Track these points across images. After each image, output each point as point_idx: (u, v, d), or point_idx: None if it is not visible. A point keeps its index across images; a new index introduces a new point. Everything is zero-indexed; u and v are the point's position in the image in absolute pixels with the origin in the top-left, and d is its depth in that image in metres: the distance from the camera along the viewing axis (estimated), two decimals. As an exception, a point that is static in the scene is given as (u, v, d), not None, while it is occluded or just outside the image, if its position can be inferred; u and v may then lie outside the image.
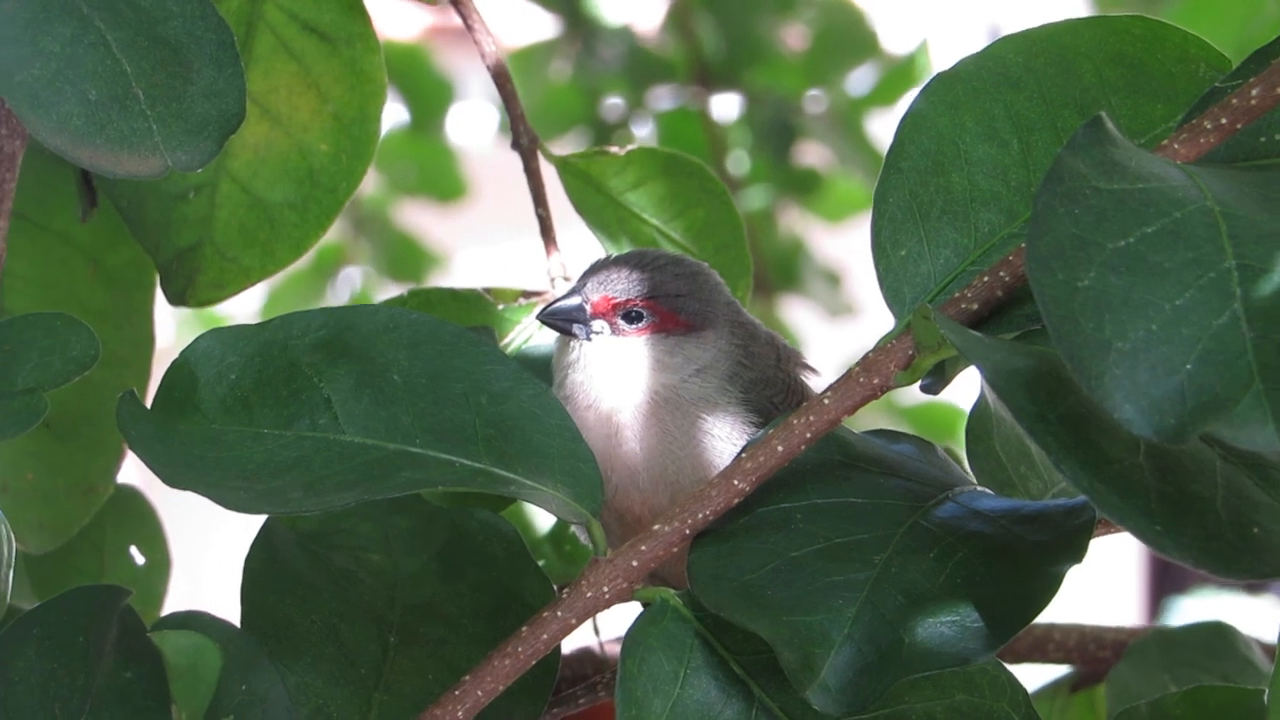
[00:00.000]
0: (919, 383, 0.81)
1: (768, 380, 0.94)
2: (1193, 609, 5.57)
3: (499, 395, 0.84)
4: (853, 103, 3.03)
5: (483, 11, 1.12)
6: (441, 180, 3.20)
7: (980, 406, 0.95)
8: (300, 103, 1.09)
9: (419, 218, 3.27)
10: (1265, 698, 0.86)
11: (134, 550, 1.22)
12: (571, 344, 0.94)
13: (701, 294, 0.95)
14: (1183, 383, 0.66)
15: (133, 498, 1.23)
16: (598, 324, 0.93)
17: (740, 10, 2.93)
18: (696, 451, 0.91)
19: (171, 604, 1.18)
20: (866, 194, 2.98)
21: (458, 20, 1.12)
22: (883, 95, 3.03)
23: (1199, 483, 0.72)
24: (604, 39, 3.02)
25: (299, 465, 0.82)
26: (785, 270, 3.02)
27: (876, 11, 3.07)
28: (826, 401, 0.80)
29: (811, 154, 3.06)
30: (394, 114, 3.14)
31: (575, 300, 0.94)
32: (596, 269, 0.95)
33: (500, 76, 1.11)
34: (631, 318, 0.93)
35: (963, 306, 0.79)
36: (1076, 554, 0.78)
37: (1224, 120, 0.76)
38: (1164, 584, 5.82)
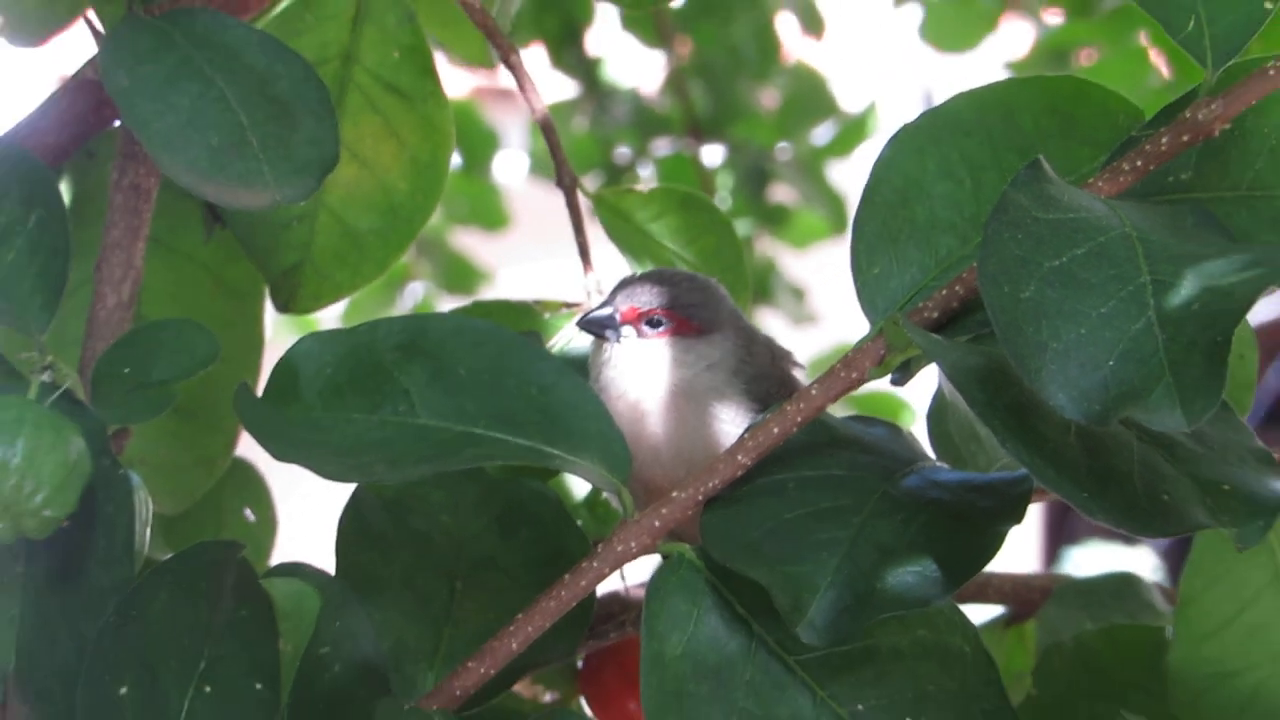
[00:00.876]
0: (890, 379, 0.80)
1: (765, 375, 0.93)
2: (1081, 557, 5.63)
3: (546, 387, 0.83)
4: (815, 152, 3.08)
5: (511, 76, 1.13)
6: (488, 212, 3.23)
7: (939, 397, 0.94)
8: (383, 149, 1.09)
9: (469, 241, 3.30)
10: (1168, 633, 0.86)
11: (247, 511, 1.22)
12: (604, 346, 0.94)
13: (710, 304, 0.94)
14: (1106, 376, 0.66)
15: (246, 468, 1.23)
16: (626, 329, 0.93)
17: (724, 77, 3.00)
18: (707, 433, 0.91)
19: (277, 555, 1.19)
20: (825, 226, 3.07)
21: (498, 81, 1.12)
22: (840, 146, 3.09)
23: (1119, 459, 0.72)
24: (615, 99, 3.08)
25: (383, 444, 0.81)
26: (760, 286, 3.06)
27: (836, 77, 3.11)
28: (814, 392, 0.79)
29: (781, 193, 3.10)
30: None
31: (607, 310, 0.94)
32: (624, 284, 0.95)
33: (547, 128, 1.11)
34: (653, 324, 0.93)
35: (925, 315, 0.79)
36: (1017, 516, 0.78)
37: (1139, 163, 0.76)
38: (1059, 536, 5.89)
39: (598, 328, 0.94)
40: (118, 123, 1.04)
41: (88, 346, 0.96)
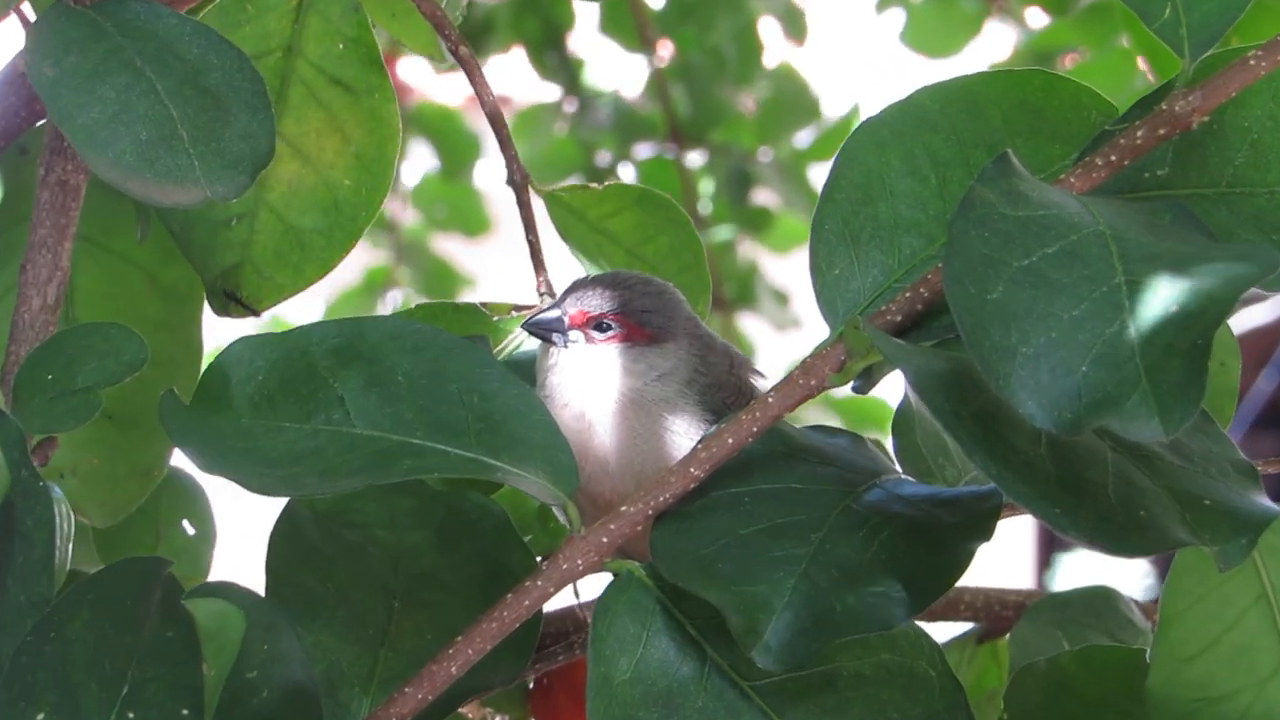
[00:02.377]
0: (852, 386, 0.77)
1: (721, 384, 0.90)
2: (1074, 564, 5.69)
3: (489, 394, 0.80)
4: (797, 155, 3.09)
5: (496, 78, 1.10)
6: (468, 218, 3.27)
7: (905, 406, 0.91)
8: (327, 144, 1.06)
9: (451, 247, 3.33)
10: (1147, 655, 0.82)
11: (185, 524, 1.19)
12: (551, 350, 0.91)
13: (665, 310, 0.91)
14: (1079, 382, 0.63)
15: (184, 479, 1.19)
16: (574, 334, 0.90)
17: (706, 80, 3.00)
18: (657, 444, 0.88)
19: (217, 571, 1.16)
20: (807, 230, 3.00)
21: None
22: (822, 150, 3.08)
23: (1093, 471, 0.69)
24: (595, 103, 3.10)
25: (315, 454, 0.78)
26: (743, 291, 3.08)
27: (819, 81, 3.13)
28: (770, 400, 0.76)
29: (763, 197, 3.11)
30: (430, 162, 3.24)
31: (555, 313, 0.91)
32: (575, 287, 0.92)
33: (496, 121, 1.08)
34: (602, 329, 0.90)
35: (888, 318, 0.76)
36: (986, 533, 0.75)
37: (1113, 157, 0.73)
38: (1052, 543, 5.92)
39: (544, 331, 0.91)
40: (51, 117, 1.00)
41: (10, 351, 0.92)
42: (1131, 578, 5.35)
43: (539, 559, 0.87)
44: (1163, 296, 0.63)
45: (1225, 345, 0.95)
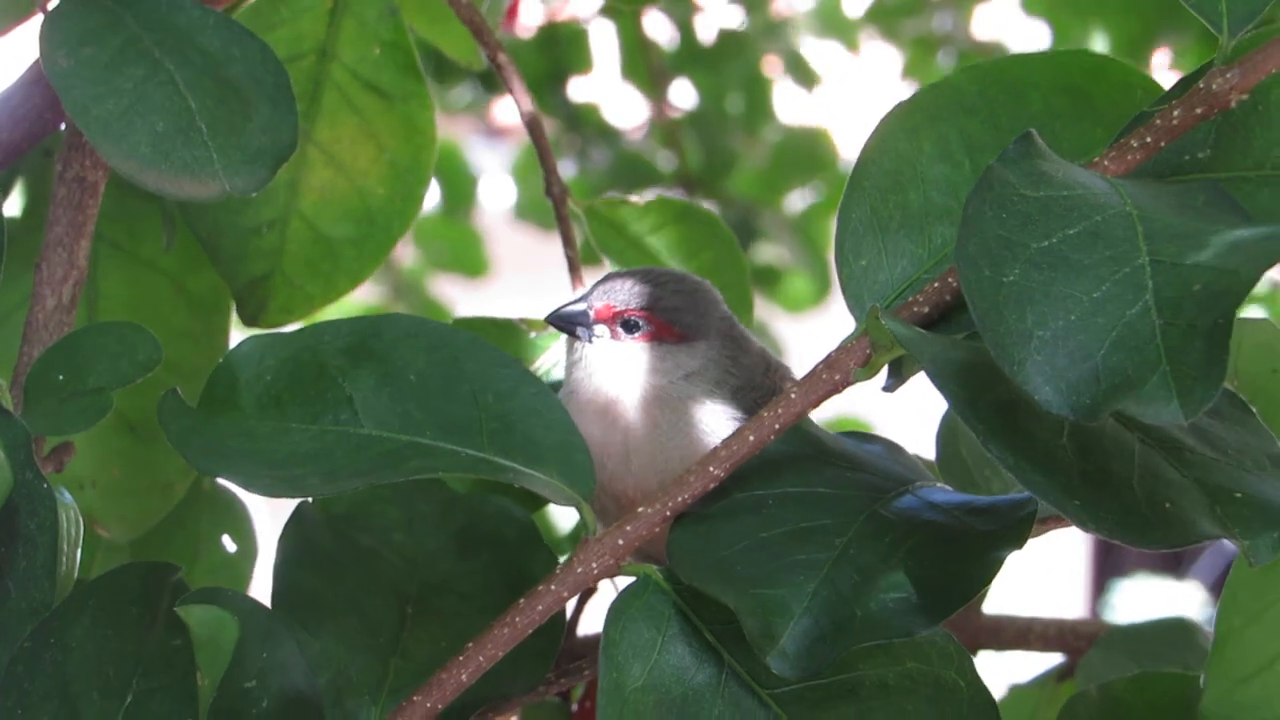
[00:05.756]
0: (882, 385, 0.78)
1: (754, 386, 0.91)
2: (1130, 589, 5.70)
3: (504, 393, 0.81)
4: (805, 211, 3.16)
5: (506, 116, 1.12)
6: (468, 259, 3.33)
7: (949, 416, 0.92)
8: (361, 151, 1.09)
9: (443, 283, 3.41)
10: (1201, 681, 0.82)
11: (226, 539, 1.21)
12: (575, 345, 0.92)
13: (697, 308, 0.92)
14: (1097, 366, 0.63)
15: (226, 494, 1.21)
16: (599, 329, 0.91)
17: (715, 129, 3.10)
18: (682, 443, 0.88)
19: (258, 587, 1.17)
20: (811, 293, 3.15)
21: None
22: (831, 205, 3.11)
23: (1118, 463, 0.69)
24: (595, 144, 3.18)
25: (321, 455, 0.79)
26: None
27: (835, 135, 3.19)
28: (793, 396, 0.77)
29: (770, 253, 3.16)
30: (430, 199, 3.30)
31: (581, 306, 0.91)
32: (605, 280, 0.93)
33: (535, 130, 1.10)
34: (630, 326, 0.91)
35: (915, 310, 0.76)
36: (1018, 541, 0.75)
37: (1149, 139, 0.73)
38: (1107, 568, 5.91)
39: (568, 323, 0.92)
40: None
41: (24, 352, 0.93)
42: (1190, 605, 5.38)
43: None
44: (1187, 276, 0.63)
45: (1273, 349, 0.95)
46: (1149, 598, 5.68)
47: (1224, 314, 0.62)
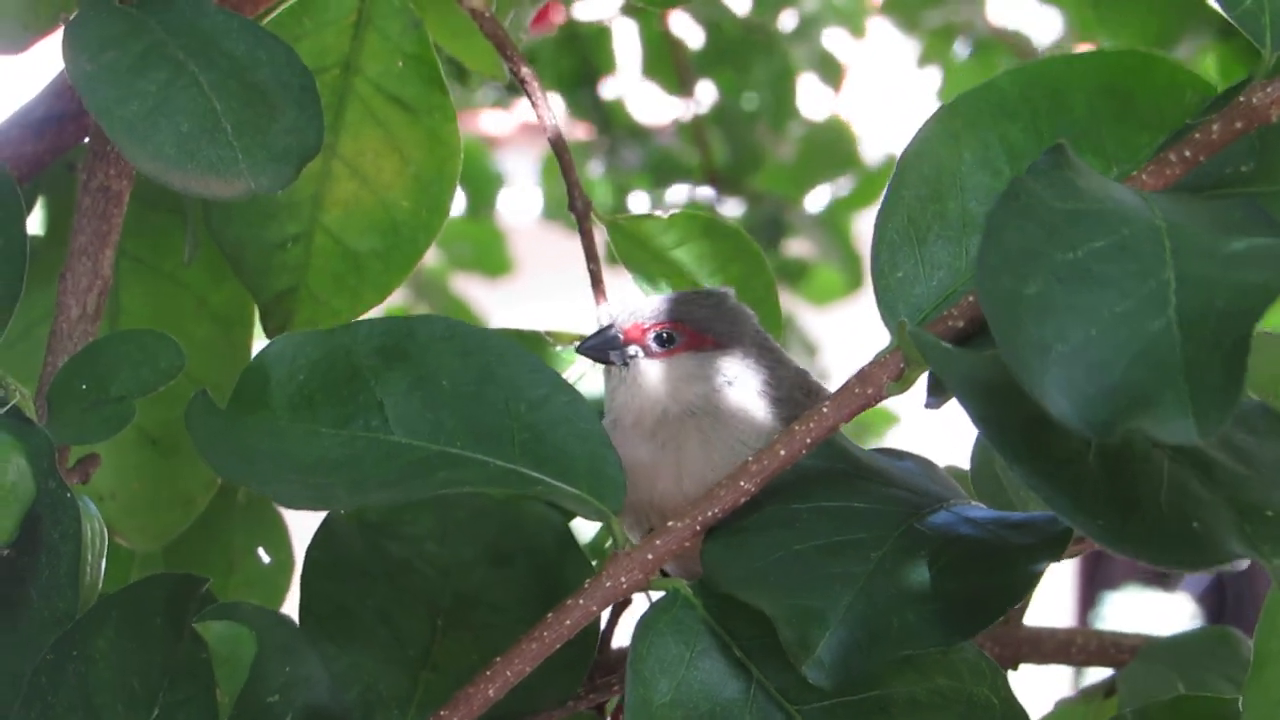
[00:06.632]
0: (924, 402, 0.83)
1: (793, 401, 0.96)
2: (1120, 601, 5.97)
3: (536, 402, 0.87)
4: (833, 205, 3.40)
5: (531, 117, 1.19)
6: (491, 258, 3.55)
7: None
8: (385, 164, 1.16)
9: (467, 284, 3.54)
10: (1240, 704, 0.87)
11: (261, 552, 1.29)
12: (613, 371, 0.97)
13: (727, 316, 0.97)
14: (1116, 382, 0.67)
15: (263, 506, 1.29)
16: (632, 349, 0.97)
17: (743, 126, 3.32)
18: (732, 458, 0.92)
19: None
20: (842, 284, 3.42)
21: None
22: (858, 200, 3.41)
23: (1144, 482, 0.74)
24: (627, 143, 3.40)
25: (349, 463, 0.85)
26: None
27: (858, 132, 3.42)
28: (825, 410, 0.83)
29: (799, 247, 3.41)
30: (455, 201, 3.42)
31: (610, 331, 0.97)
32: (623, 305, 0.98)
33: (558, 145, 1.16)
34: (662, 340, 0.96)
35: (949, 324, 0.82)
36: (1055, 554, 0.81)
37: (1188, 153, 0.79)
38: (1096, 580, 6.05)
39: (600, 352, 0.97)
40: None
41: (48, 361, 1.00)
42: (1178, 618, 5.51)
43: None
44: (1210, 292, 0.68)
45: None
46: (1139, 610, 5.88)
47: (1243, 331, 0.67)
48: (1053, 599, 5.66)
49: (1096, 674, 1.25)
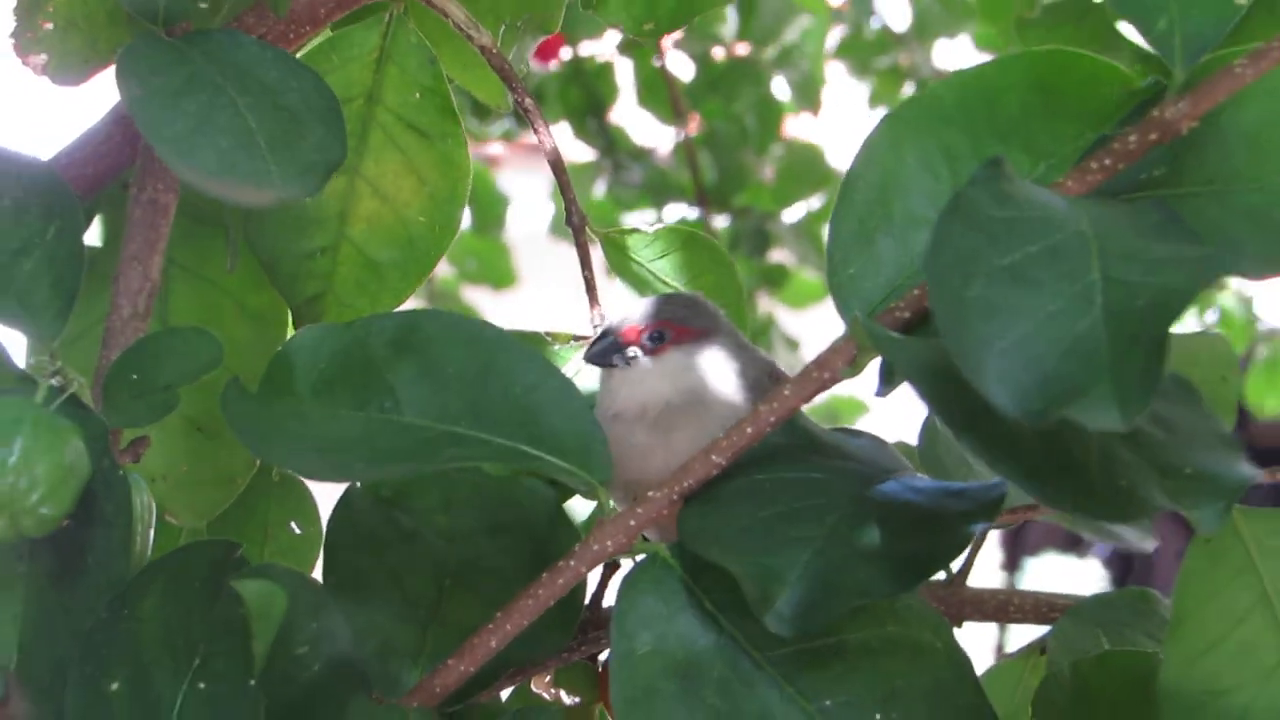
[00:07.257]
0: (875, 390, 0.80)
1: (763, 386, 0.93)
2: (1038, 566, 6.02)
3: (530, 386, 0.84)
4: (810, 217, 3.42)
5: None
6: (496, 271, 3.56)
7: (930, 419, 0.95)
8: (403, 184, 1.13)
9: (478, 298, 3.58)
10: (1160, 656, 0.85)
11: (293, 524, 1.26)
12: (614, 373, 0.95)
13: (703, 314, 0.96)
14: (1049, 374, 0.65)
15: (294, 483, 1.26)
16: (631, 350, 0.94)
17: (730, 149, 3.32)
18: (713, 437, 0.88)
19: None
20: (820, 288, 3.42)
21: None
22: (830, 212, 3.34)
23: (1077, 448, 0.72)
24: (629, 165, 3.41)
25: (365, 441, 0.83)
26: (759, 339, 3.31)
27: (833, 149, 3.43)
28: (787, 392, 0.80)
29: (781, 256, 3.41)
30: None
31: (610, 338, 0.95)
32: (614, 315, 0.97)
33: (557, 167, 1.14)
34: (655, 338, 0.94)
35: (897, 315, 0.79)
36: (989, 517, 0.78)
37: (1107, 161, 0.76)
38: (1018, 547, 6.09)
39: (606, 357, 0.95)
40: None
41: (103, 355, 0.97)
42: (1089, 581, 5.61)
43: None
44: (1133, 292, 0.66)
45: (1225, 360, 0.97)
46: (1054, 574, 5.95)
47: (1162, 327, 0.64)
48: (983, 564, 5.73)
49: (1020, 633, 1.22)
